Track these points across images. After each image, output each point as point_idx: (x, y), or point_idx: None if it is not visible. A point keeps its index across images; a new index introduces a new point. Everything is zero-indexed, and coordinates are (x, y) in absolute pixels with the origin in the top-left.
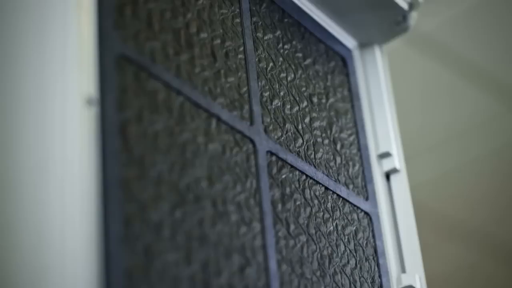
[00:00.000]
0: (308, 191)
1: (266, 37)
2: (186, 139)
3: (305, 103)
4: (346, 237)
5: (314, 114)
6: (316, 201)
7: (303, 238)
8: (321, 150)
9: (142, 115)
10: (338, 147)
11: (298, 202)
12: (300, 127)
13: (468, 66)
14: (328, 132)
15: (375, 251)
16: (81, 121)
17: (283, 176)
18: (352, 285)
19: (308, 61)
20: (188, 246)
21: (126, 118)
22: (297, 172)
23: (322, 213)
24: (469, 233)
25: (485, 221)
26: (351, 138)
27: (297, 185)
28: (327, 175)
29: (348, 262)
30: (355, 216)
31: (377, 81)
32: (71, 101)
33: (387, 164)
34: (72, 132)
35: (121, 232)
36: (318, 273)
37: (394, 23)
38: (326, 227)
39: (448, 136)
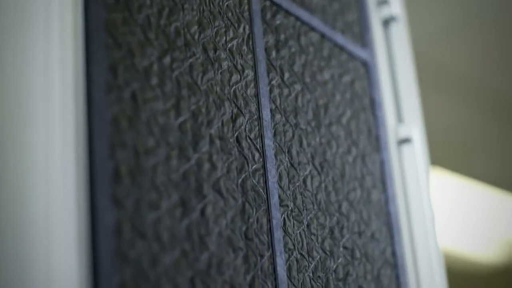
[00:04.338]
0: (304, 38)
1: None
2: None
3: None
4: (342, 86)
5: None
6: (311, 49)
7: (298, 87)
8: None
9: None
10: None
11: (293, 49)
12: None
13: None
14: None
15: (372, 101)
16: None
17: (278, 22)
18: (347, 136)
19: None
20: (178, 94)
21: None
22: (292, 18)
23: (317, 61)
24: (468, 85)
25: (486, 73)
26: None
27: (292, 32)
28: (323, 22)
29: (344, 112)
30: (351, 65)
31: None
32: None
33: (385, 11)
34: None
35: (106, 80)
36: (313, 124)
37: None
38: (322, 76)
39: None
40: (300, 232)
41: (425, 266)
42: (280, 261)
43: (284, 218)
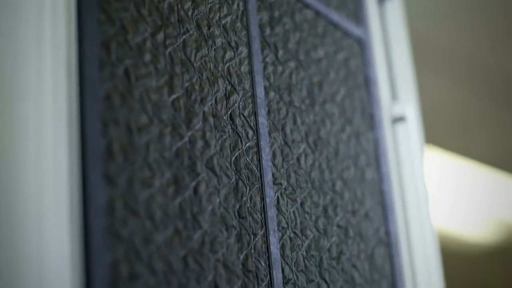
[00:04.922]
0: (298, 15)
1: None
2: None
3: None
4: (337, 64)
5: None
6: (306, 26)
7: (292, 64)
8: None
9: None
10: None
11: (287, 26)
12: None
13: None
14: None
15: (366, 79)
16: None
17: None
18: (341, 114)
19: None
20: (171, 71)
21: None
22: None
23: (312, 39)
24: (464, 64)
25: (481, 52)
26: None
27: (286, 8)
28: None
29: (338, 90)
30: (346, 42)
31: None
32: None
33: None
34: None
35: (99, 56)
36: (307, 101)
37: None
38: (316, 53)
39: None
40: (293, 211)
41: (419, 245)
42: (274, 240)
43: (277, 197)
